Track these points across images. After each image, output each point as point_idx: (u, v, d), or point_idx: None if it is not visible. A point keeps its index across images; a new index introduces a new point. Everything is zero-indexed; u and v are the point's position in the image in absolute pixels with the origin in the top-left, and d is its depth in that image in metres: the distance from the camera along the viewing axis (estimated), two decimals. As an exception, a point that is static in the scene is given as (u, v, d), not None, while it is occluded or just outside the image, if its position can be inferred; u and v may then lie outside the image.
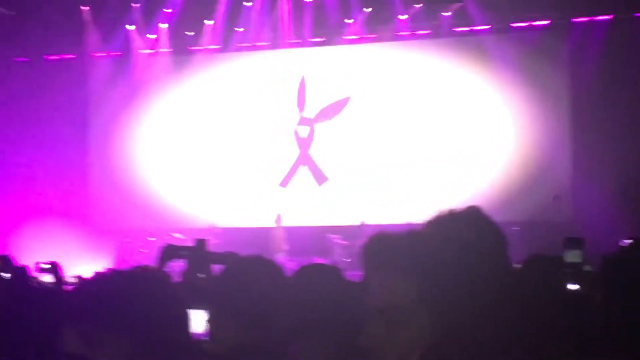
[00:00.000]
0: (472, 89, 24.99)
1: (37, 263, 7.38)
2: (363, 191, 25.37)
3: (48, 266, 7.26)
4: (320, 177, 26.06)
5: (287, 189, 26.27)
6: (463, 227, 2.44)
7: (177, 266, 5.53)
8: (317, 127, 26.31)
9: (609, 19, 23.77)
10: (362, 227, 22.96)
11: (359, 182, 25.49)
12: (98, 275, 2.73)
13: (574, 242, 5.52)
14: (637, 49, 22.97)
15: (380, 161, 25.42)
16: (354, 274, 4.22)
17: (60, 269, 7.32)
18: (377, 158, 25.47)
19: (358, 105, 25.97)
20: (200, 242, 5.95)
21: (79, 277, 10.22)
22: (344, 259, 22.43)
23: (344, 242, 23.64)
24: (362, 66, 26.10)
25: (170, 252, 6.04)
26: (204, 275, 5.75)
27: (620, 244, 9.97)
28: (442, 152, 24.99)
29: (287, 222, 24.61)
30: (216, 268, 5.49)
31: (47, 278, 7.05)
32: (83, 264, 21.27)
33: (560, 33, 24.30)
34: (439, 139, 25.06)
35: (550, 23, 24.32)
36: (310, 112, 26.39)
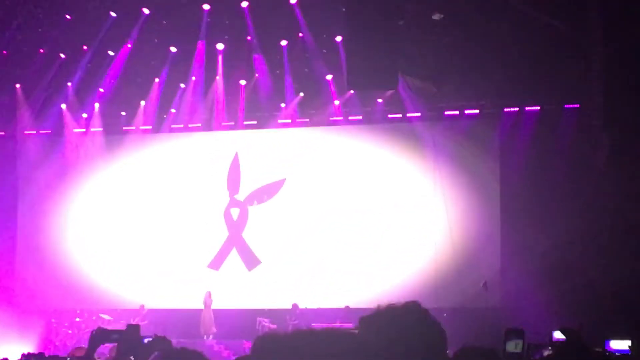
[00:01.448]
0: (404, 174, 25.16)
1: None
2: (295, 274, 25.28)
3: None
4: (251, 261, 25.90)
5: (218, 271, 26.07)
6: (401, 322, 2.44)
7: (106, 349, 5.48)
8: (251, 209, 26.24)
9: (538, 109, 24.21)
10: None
11: (291, 264, 25.40)
12: None
13: (514, 333, 5.61)
14: (565, 138, 23.38)
15: (313, 244, 25.39)
16: None
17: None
18: (310, 241, 25.43)
19: (292, 187, 26.00)
20: (132, 327, 5.93)
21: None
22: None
23: (274, 326, 23.50)
24: (295, 149, 26.19)
25: (101, 336, 6.00)
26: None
27: (553, 338, 10.07)
28: (374, 236, 25.04)
29: (217, 304, 24.43)
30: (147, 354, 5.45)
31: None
32: (8, 345, 20.90)
33: (491, 122, 24.65)
34: (372, 223, 25.12)
35: (481, 112, 24.71)
36: (242, 194, 26.35)
